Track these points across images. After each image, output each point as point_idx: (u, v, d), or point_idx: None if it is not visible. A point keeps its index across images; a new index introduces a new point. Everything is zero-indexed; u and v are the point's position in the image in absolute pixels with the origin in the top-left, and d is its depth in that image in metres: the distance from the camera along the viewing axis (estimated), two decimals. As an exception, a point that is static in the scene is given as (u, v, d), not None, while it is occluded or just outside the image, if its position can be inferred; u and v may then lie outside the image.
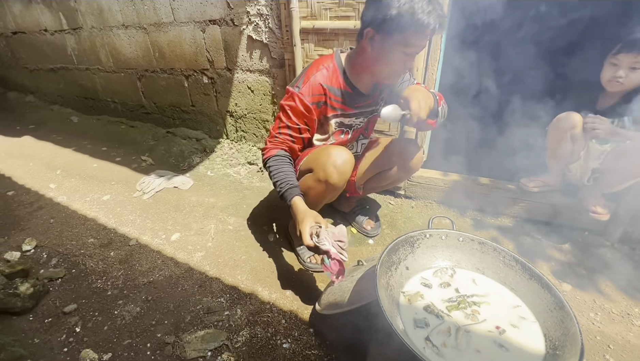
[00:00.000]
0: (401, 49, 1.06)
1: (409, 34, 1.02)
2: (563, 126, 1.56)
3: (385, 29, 1.04)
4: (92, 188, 2.21)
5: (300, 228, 1.10)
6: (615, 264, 1.49)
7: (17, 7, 3.33)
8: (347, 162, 1.23)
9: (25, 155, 2.75)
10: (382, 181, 1.58)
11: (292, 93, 1.22)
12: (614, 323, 1.24)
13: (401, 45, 1.05)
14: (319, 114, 1.28)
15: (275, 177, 1.21)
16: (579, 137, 1.53)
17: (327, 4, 1.73)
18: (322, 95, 1.24)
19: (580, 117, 1.53)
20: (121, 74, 3.02)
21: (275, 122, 1.30)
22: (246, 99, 2.39)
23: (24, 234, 1.77)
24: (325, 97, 1.25)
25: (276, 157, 1.24)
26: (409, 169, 1.47)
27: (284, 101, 1.26)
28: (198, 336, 1.19)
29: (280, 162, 1.23)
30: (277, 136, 1.26)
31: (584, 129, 1.49)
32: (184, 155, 2.56)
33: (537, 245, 1.62)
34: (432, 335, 0.86)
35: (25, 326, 1.27)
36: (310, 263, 1.49)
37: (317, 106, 1.25)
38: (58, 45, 3.29)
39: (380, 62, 1.14)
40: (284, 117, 1.25)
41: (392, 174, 1.52)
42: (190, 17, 2.29)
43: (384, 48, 1.09)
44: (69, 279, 1.49)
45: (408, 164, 1.44)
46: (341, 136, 1.39)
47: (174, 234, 1.74)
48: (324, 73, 1.23)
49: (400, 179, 1.60)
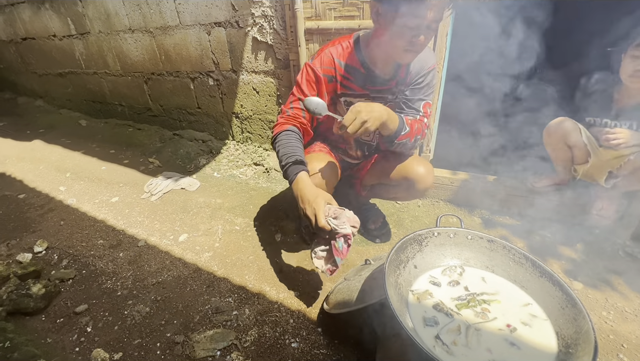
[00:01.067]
0: (402, 21, 1.01)
1: (405, 2, 0.98)
2: (556, 134, 1.52)
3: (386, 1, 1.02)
4: (101, 190, 2.24)
5: (313, 207, 1.01)
6: (628, 263, 1.46)
7: (27, 14, 3.39)
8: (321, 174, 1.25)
9: (35, 158, 2.80)
10: (387, 194, 1.56)
11: (305, 64, 1.24)
12: (627, 321, 1.22)
13: (404, 16, 1.00)
14: (330, 90, 1.27)
15: (282, 150, 1.14)
16: (577, 143, 1.48)
17: (331, 4, 1.74)
18: (332, 68, 1.23)
19: (573, 123, 1.48)
20: (128, 77, 3.05)
21: (287, 100, 1.27)
22: (251, 100, 2.41)
23: (36, 236, 1.80)
24: (335, 72, 1.24)
25: (286, 132, 1.19)
26: (414, 194, 1.43)
27: (298, 75, 1.26)
28: (207, 336, 1.20)
29: (289, 137, 1.17)
30: (289, 110, 1.23)
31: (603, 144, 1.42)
32: (191, 157, 2.58)
33: (548, 243, 1.60)
34: (442, 333, 0.85)
35: (38, 326, 1.29)
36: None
37: (329, 80, 1.24)
38: (66, 50, 3.34)
39: (386, 36, 1.10)
40: (295, 89, 1.24)
41: (397, 191, 1.49)
42: (196, 20, 2.31)
43: (387, 20, 1.06)
44: (80, 280, 1.51)
45: (413, 190, 1.38)
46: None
47: (182, 235, 1.75)
48: (338, 49, 1.23)
49: (405, 198, 1.58)
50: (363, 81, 1.26)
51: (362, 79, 1.26)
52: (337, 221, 1.00)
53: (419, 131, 1.28)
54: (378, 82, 1.27)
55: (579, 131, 1.48)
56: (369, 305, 0.99)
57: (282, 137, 1.19)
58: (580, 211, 1.63)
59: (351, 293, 1.10)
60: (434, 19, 1.01)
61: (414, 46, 1.07)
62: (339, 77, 1.25)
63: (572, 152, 1.54)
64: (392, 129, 1.16)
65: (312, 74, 1.22)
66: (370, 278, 1.10)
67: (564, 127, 1.49)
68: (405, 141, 1.24)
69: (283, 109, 1.27)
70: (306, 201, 1.05)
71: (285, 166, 1.12)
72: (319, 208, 1.02)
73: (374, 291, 1.01)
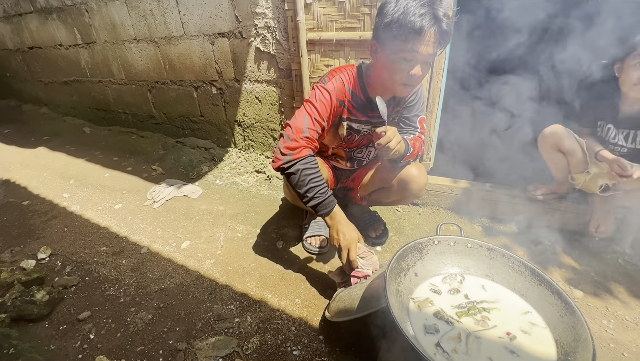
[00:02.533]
0: (400, 55, 1.06)
1: (403, 38, 1.02)
2: (549, 141, 1.53)
3: (383, 38, 1.07)
4: (104, 197, 2.26)
5: (349, 241, 1.16)
6: (627, 271, 1.47)
7: (34, 24, 3.46)
8: None
9: (39, 165, 2.83)
10: (384, 198, 1.59)
11: (319, 86, 1.26)
12: (628, 330, 1.22)
13: (399, 52, 1.05)
14: (338, 112, 1.31)
15: (311, 181, 1.19)
16: (571, 149, 1.49)
17: (332, 16, 1.78)
18: (342, 93, 1.27)
19: (565, 130, 1.49)
20: (132, 86, 3.10)
21: (298, 118, 1.23)
22: (254, 109, 2.44)
23: (39, 243, 1.82)
24: (345, 97, 1.28)
25: (309, 159, 1.20)
26: (408, 195, 1.47)
27: (310, 96, 1.27)
28: (209, 343, 1.20)
29: (315, 165, 1.21)
30: (306, 131, 1.20)
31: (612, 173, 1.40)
32: (193, 164, 2.61)
33: (548, 251, 1.60)
34: (442, 341, 0.86)
35: (41, 332, 1.30)
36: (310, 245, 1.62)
37: (339, 104, 1.28)
38: (72, 59, 3.40)
39: (384, 72, 1.15)
40: (310, 109, 1.23)
41: (393, 194, 1.52)
42: (200, 31, 2.36)
43: (385, 57, 1.11)
44: (83, 286, 1.52)
45: (407, 191, 1.44)
46: (348, 137, 1.42)
47: (184, 242, 1.77)
48: (346, 76, 1.28)
49: (401, 201, 1.62)
50: (365, 109, 1.33)
51: (364, 108, 1.33)
52: (364, 262, 1.17)
53: (420, 149, 1.38)
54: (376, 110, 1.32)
55: (572, 137, 1.50)
56: (371, 312, 1.00)
57: (307, 165, 1.19)
58: (580, 218, 1.65)
59: (352, 300, 1.11)
60: (429, 54, 1.06)
61: (410, 81, 1.12)
62: (347, 102, 1.30)
63: (568, 160, 1.56)
64: (401, 153, 1.26)
65: (328, 97, 1.24)
66: (371, 286, 1.11)
67: (556, 133, 1.51)
68: (409, 160, 1.36)
69: (295, 127, 1.21)
70: (341, 234, 1.19)
71: (319, 200, 1.20)
72: (354, 244, 1.16)
73: (375, 299, 1.02)
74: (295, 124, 1.21)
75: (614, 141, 1.47)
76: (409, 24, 0.99)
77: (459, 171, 1.97)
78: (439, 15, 1.00)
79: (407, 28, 0.99)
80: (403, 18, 0.99)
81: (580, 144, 1.50)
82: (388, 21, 1.02)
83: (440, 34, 1.03)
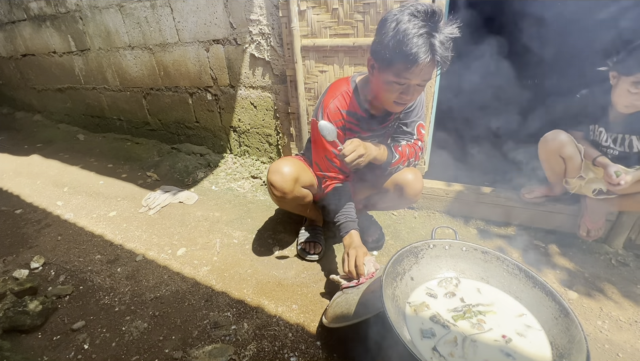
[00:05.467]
0: (394, 79, 1.05)
1: (398, 65, 1.01)
2: (551, 147, 1.54)
3: (380, 58, 1.05)
4: (99, 205, 2.24)
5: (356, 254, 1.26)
6: (621, 271, 1.49)
7: (27, 31, 3.45)
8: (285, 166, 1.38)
9: (33, 173, 2.80)
10: (380, 203, 1.60)
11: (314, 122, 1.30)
12: (622, 330, 1.24)
13: (392, 76, 1.05)
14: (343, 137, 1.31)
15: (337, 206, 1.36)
16: (571, 155, 1.51)
17: (326, 23, 1.80)
18: (340, 120, 1.29)
19: (567, 136, 1.50)
20: (127, 92, 3.09)
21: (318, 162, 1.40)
22: (249, 115, 2.45)
23: (32, 252, 1.80)
24: (344, 122, 1.30)
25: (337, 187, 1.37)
26: (404, 200, 1.47)
27: (312, 134, 1.38)
28: (205, 351, 1.19)
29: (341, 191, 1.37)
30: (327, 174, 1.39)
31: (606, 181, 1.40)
32: (189, 170, 2.60)
33: (543, 253, 1.62)
34: (439, 345, 0.87)
35: (34, 343, 1.28)
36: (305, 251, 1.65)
37: (342, 130, 1.31)
38: (66, 66, 3.39)
39: (379, 90, 1.15)
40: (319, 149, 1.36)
41: (389, 199, 1.53)
42: (195, 37, 2.37)
43: (381, 76, 1.10)
44: (77, 296, 1.50)
45: (403, 196, 1.44)
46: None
47: (180, 249, 1.76)
48: (340, 100, 1.28)
49: (397, 206, 1.64)
50: (366, 123, 1.34)
51: (365, 122, 1.33)
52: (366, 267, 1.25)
53: (412, 154, 1.38)
54: (378, 121, 1.36)
55: (573, 144, 1.52)
56: (367, 318, 1.00)
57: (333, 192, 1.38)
58: (573, 220, 1.66)
59: (350, 306, 1.11)
60: (422, 80, 1.06)
61: (402, 100, 1.14)
62: (346, 124, 1.32)
63: (566, 165, 1.58)
64: (381, 160, 1.30)
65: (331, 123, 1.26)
66: (368, 291, 1.11)
67: (559, 139, 1.52)
68: (397, 166, 1.38)
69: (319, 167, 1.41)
70: (351, 248, 1.29)
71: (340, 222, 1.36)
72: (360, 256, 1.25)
73: (372, 304, 1.02)
74: (317, 164, 1.39)
75: (606, 143, 1.49)
76: (404, 51, 0.96)
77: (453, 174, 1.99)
78: (435, 44, 0.96)
79: (403, 55, 0.97)
80: (399, 44, 0.96)
81: (579, 149, 1.53)
82: (386, 42, 0.99)
83: (436, 62, 1.01)
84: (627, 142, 1.43)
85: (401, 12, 0.98)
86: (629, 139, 1.42)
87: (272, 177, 1.37)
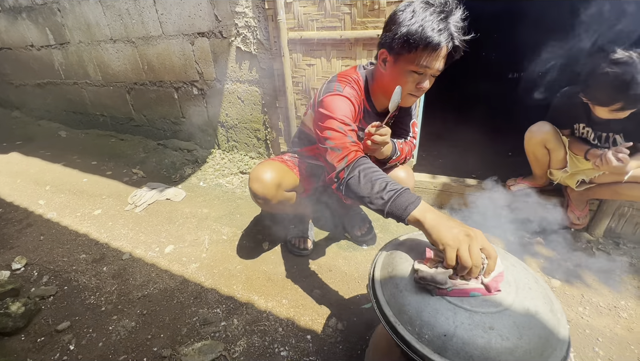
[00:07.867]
0: (412, 69, 1.02)
1: (418, 52, 0.98)
2: (536, 138, 1.57)
3: (396, 48, 1.01)
4: (83, 203, 2.19)
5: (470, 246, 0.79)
6: (601, 259, 1.54)
7: (2, 24, 3.30)
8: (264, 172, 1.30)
9: (12, 172, 2.71)
10: None
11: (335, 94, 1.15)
12: (602, 316, 1.28)
13: (411, 65, 1.01)
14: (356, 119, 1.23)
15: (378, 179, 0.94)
16: (557, 147, 1.54)
17: (313, 15, 1.78)
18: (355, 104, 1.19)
19: (552, 128, 1.54)
20: (110, 87, 3.01)
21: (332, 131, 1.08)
22: (237, 109, 2.41)
23: (14, 253, 1.74)
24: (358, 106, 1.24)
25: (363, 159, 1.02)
26: None
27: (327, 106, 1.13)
28: (195, 349, 1.18)
29: (371, 164, 1.01)
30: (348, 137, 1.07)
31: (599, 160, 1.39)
32: (176, 167, 2.56)
33: (526, 243, 1.66)
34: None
35: (17, 346, 1.25)
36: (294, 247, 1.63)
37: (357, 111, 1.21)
38: (45, 60, 3.27)
39: (393, 83, 1.10)
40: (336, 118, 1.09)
41: None
42: (179, 30, 2.31)
43: (396, 68, 1.06)
44: (61, 296, 1.47)
45: None
46: None
47: (168, 247, 1.73)
48: (357, 87, 1.23)
49: None
50: (369, 118, 1.31)
51: (368, 117, 1.31)
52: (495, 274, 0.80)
53: (409, 153, 1.41)
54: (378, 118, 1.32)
55: (558, 135, 1.55)
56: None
57: (366, 164, 1.00)
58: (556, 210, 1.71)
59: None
60: (439, 68, 1.03)
61: (418, 92, 1.10)
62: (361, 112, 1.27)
63: (550, 156, 1.61)
64: (386, 155, 1.30)
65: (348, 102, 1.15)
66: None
67: (544, 131, 1.55)
68: (395, 163, 1.38)
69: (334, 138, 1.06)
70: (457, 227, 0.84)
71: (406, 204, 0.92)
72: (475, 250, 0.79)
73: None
74: (333, 136, 1.08)
75: (594, 143, 1.52)
76: (426, 39, 0.94)
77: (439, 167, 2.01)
78: (454, 31, 0.96)
79: (424, 43, 0.95)
80: (420, 32, 0.94)
81: (564, 142, 1.56)
82: (404, 32, 0.96)
83: (454, 50, 1.00)
84: (611, 140, 1.47)
85: (414, 3, 0.98)
86: (612, 137, 1.46)
87: (253, 185, 1.31)
